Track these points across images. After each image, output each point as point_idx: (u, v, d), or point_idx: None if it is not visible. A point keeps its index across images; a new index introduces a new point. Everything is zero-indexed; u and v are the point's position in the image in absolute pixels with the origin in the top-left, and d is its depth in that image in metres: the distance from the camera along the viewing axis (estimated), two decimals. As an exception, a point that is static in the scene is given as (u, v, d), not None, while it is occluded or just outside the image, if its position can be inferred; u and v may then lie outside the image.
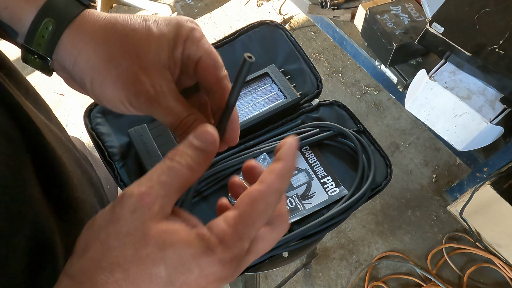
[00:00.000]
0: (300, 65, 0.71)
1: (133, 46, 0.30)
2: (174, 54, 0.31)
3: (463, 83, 1.03)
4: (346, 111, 0.68)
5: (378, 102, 1.70)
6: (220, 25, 1.98)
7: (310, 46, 1.88)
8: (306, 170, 0.62)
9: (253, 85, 0.69)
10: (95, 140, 0.62)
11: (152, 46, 0.30)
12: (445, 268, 1.35)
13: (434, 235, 1.41)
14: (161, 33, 0.30)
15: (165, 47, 0.30)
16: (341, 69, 1.80)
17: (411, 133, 1.62)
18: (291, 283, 1.33)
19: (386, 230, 1.42)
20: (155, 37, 0.30)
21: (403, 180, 1.52)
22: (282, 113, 0.66)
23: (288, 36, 0.73)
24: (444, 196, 1.48)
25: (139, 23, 0.30)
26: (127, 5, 1.98)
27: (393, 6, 1.21)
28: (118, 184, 0.60)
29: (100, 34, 0.30)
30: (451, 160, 1.56)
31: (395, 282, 1.32)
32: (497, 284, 1.32)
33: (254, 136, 0.64)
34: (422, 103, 1.10)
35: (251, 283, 0.83)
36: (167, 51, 0.30)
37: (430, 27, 1.02)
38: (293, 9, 1.99)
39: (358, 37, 1.33)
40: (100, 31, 0.30)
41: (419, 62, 1.23)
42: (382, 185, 0.61)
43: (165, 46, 0.30)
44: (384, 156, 0.64)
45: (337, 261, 1.37)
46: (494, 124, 0.98)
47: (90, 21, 0.30)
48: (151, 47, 0.30)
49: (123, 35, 0.30)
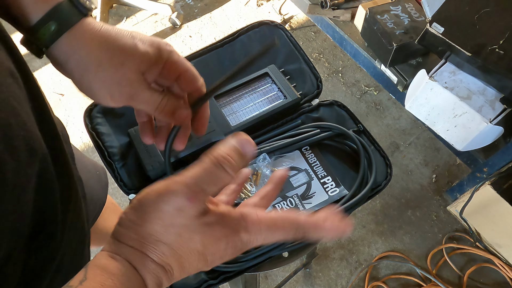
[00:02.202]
0: (300, 65, 0.71)
1: (120, 56, 0.38)
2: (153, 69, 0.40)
3: (463, 83, 1.03)
4: (346, 111, 0.68)
5: (378, 102, 1.70)
6: (220, 25, 1.98)
7: (310, 46, 1.88)
8: (306, 170, 0.62)
9: (253, 85, 0.69)
10: (95, 140, 0.62)
11: (136, 58, 0.38)
12: (445, 268, 1.35)
13: (434, 235, 1.41)
14: (144, 51, 0.39)
15: (145, 62, 0.39)
16: (341, 69, 1.80)
17: (411, 133, 1.62)
18: (291, 283, 1.33)
19: (386, 230, 1.42)
20: (139, 53, 0.38)
21: (403, 180, 1.52)
22: (282, 113, 0.66)
23: (288, 36, 0.73)
24: (444, 196, 1.48)
25: (128, 39, 0.38)
26: (127, 5, 1.98)
27: (393, 6, 1.21)
28: (118, 184, 0.60)
29: (94, 43, 0.37)
30: (451, 160, 1.56)
31: (395, 282, 1.32)
32: (497, 284, 1.32)
33: (254, 136, 0.64)
34: (422, 103, 1.10)
35: (251, 283, 0.83)
36: (145, 64, 0.39)
37: (430, 27, 1.02)
38: (293, 9, 1.99)
39: (358, 37, 1.33)
40: (94, 40, 0.37)
41: (419, 62, 1.23)
42: (382, 185, 0.61)
43: (145, 61, 0.39)
44: (384, 156, 0.64)
45: (337, 261, 1.37)
46: (494, 124, 0.98)
47: (87, 30, 0.37)
48: (135, 59, 0.38)
49: (113, 46, 0.38)
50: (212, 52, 0.72)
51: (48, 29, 0.35)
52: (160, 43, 0.40)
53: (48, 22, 0.35)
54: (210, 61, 0.71)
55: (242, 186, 0.44)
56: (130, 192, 0.60)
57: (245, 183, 0.60)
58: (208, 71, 0.70)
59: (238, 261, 0.53)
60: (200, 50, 0.71)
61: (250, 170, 0.39)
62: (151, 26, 1.97)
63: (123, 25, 1.97)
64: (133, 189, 0.60)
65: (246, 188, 0.60)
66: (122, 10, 2.03)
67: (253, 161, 0.60)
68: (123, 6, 2.03)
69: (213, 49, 0.72)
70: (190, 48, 1.90)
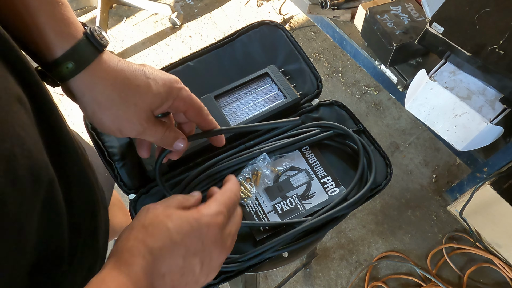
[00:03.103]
0: (300, 65, 0.71)
1: (134, 97, 0.40)
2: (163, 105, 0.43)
3: (463, 83, 1.03)
4: (346, 111, 0.68)
5: (378, 102, 1.70)
6: (220, 25, 1.98)
7: (310, 46, 1.88)
8: (306, 170, 0.62)
9: (253, 85, 0.69)
10: (95, 140, 0.62)
11: (148, 99, 0.41)
12: (445, 268, 1.35)
13: (434, 235, 1.41)
14: (157, 91, 0.42)
15: (157, 101, 0.42)
16: (341, 69, 1.80)
17: (411, 133, 1.62)
18: (291, 283, 1.33)
19: (386, 230, 1.42)
20: (152, 94, 0.41)
21: (403, 180, 1.52)
22: (282, 113, 0.66)
23: (288, 36, 0.73)
24: (444, 196, 1.48)
25: (142, 79, 0.41)
26: (127, 5, 1.98)
27: (393, 6, 1.21)
28: (118, 184, 0.60)
29: (109, 82, 0.39)
30: (451, 160, 1.56)
31: (395, 282, 1.32)
32: (497, 284, 1.32)
33: (254, 136, 0.64)
34: (422, 103, 1.10)
35: (251, 283, 0.83)
36: (157, 104, 0.42)
37: (430, 27, 1.02)
38: (293, 9, 1.99)
39: (358, 37, 1.33)
40: (110, 79, 0.39)
41: (419, 62, 1.23)
42: (382, 185, 0.61)
43: (157, 101, 0.42)
44: (384, 156, 0.64)
45: (337, 261, 1.37)
46: (494, 124, 0.98)
47: (102, 69, 0.39)
48: (148, 99, 0.41)
49: (128, 87, 0.40)
50: (212, 52, 0.72)
51: (66, 68, 0.37)
52: (172, 82, 0.43)
53: (66, 61, 0.37)
54: (210, 61, 0.71)
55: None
56: (130, 192, 0.60)
57: (245, 182, 0.60)
58: (208, 71, 0.70)
59: (238, 261, 0.53)
60: (200, 50, 0.71)
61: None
62: (151, 26, 1.97)
63: (123, 25, 1.97)
64: (133, 189, 0.60)
65: (246, 188, 0.60)
66: (122, 10, 2.03)
67: (253, 161, 0.61)
68: (123, 6, 2.03)
69: (213, 49, 0.72)
70: (190, 48, 1.90)
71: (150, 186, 0.60)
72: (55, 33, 0.37)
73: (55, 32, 0.37)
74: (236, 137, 0.64)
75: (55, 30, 0.37)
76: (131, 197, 0.59)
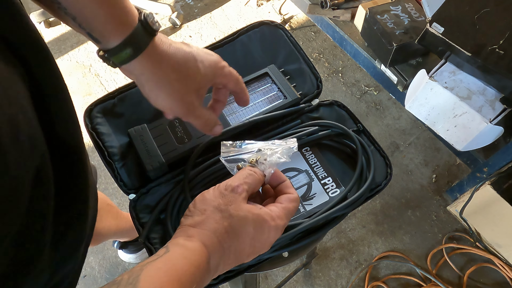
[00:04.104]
0: (300, 65, 0.71)
1: (185, 79, 0.46)
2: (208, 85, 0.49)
3: (463, 83, 1.03)
4: (346, 111, 0.68)
5: (378, 102, 1.70)
6: (220, 25, 1.98)
7: (310, 46, 1.88)
8: (307, 171, 0.62)
9: (253, 85, 0.69)
10: (95, 140, 0.62)
11: (197, 80, 0.47)
12: (445, 268, 1.35)
13: (434, 235, 1.41)
14: (205, 72, 0.47)
15: (204, 82, 0.48)
16: (341, 69, 1.80)
17: (411, 133, 1.62)
18: (291, 283, 1.33)
19: (386, 230, 1.42)
20: (200, 76, 0.47)
21: (403, 180, 1.52)
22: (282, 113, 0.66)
23: (288, 36, 0.73)
24: (444, 196, 1.48)
25: (192, 62, 0.46)
26: (127, 5, 1.97)
27: (393, 6, 1.21)
28: (118, 184, 0.60)
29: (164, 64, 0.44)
30: (451, 160, 1.56)
31: (395, 282, 1.32)
32: (497, 284, 1.32)
33: (254, 136, 0.64)
34: (422, 103, 1.10)
35: (251, 283, 0.83)
36: (204, 84, 0.48)
37: (430, 27, 1.02)
38: (293, 9, 1.99)
39: (358, 37, 1.33)
40: (164, 62, 0.44)
41: (419, 62, 1.23)
42: (382, 185, 0.61)
43: (205, 80, 0.48)
44: (384, 156, 0.64)
45: (337, 261, 1.37)
46: (494, 124, 0.98)
47: (157, 52, 0.43)
48: (197, 80, 0.47)
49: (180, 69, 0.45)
50: (212, 52, 0.72)
51: (125, 53, 0.41)
52: (216, 62, 0.48)
53: (125, 48, 0.41)
54: (210, 61, 0.71)
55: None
56: (130, 192, 0.59)
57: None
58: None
59: (238, 261, 0.53)
60: (200, 50, 0.71)
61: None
62: (151, 26, 1.97)
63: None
64: (133, 189, 0.60)
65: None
66: (122, 10, 2.03)
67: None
68: (123, 6, 2.03)
69: (213, 49, 0.72)
70: (190, 48, 1.89)
71: (150, 186, 0.60)
72: (117, 23, 0.40)
73: (117, 22, 0.40)
74: (236, 137, 0.64)
75: (116, 19, 0.40)
76: (131, 197, 0.59)
